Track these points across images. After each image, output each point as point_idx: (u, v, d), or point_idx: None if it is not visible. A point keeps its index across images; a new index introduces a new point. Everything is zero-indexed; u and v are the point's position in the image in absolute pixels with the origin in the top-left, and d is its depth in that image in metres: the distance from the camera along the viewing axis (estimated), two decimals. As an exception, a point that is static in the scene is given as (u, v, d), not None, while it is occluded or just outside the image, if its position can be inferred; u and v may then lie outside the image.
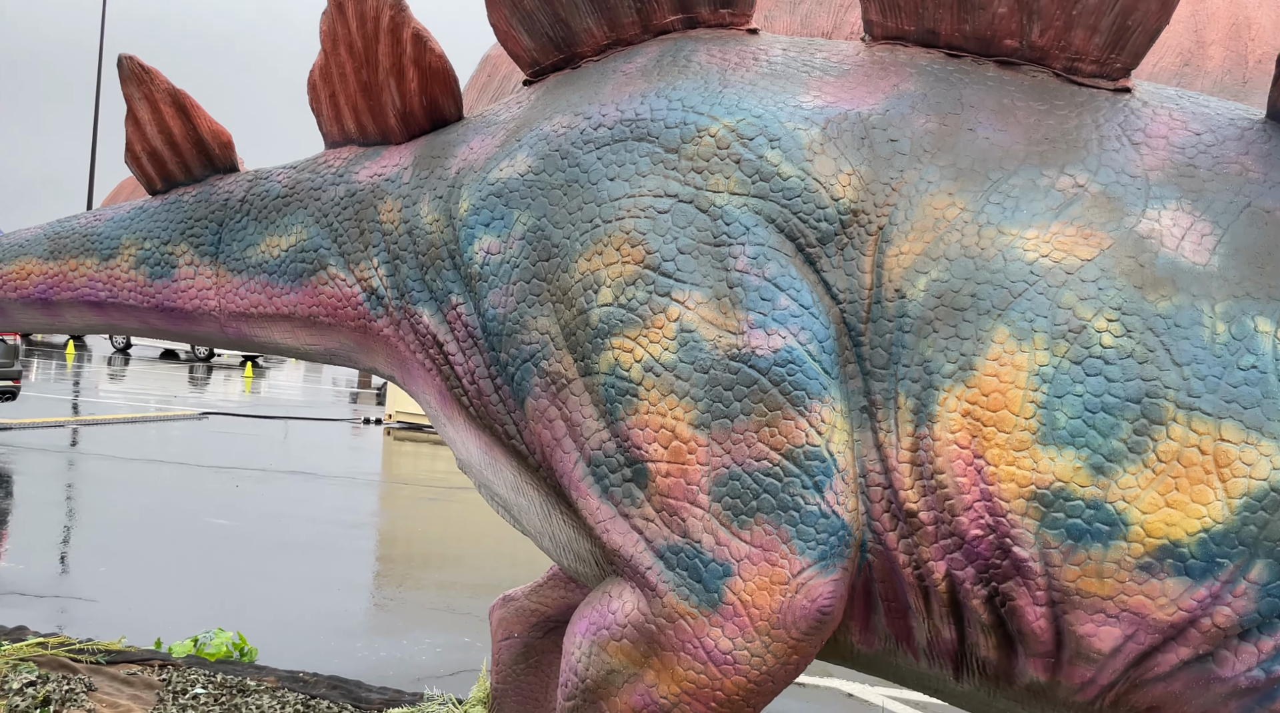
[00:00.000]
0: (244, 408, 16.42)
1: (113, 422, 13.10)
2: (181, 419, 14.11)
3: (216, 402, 17.30)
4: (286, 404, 18.08)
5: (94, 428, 12.38)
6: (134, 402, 16.12)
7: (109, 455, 10.26)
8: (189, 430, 13.05)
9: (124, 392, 18.14)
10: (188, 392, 19.31)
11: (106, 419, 13.23)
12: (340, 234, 2.74)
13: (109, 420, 13.16)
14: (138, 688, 3.94)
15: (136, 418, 13.69)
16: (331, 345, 2.86)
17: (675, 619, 1.93)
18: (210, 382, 22.24)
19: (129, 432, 12.35)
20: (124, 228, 3.10)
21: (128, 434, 12.13)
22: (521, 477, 2.41)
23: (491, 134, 2.53)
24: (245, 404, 17.30)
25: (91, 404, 15.22)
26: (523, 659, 3.24)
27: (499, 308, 2.28)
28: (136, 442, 11.52)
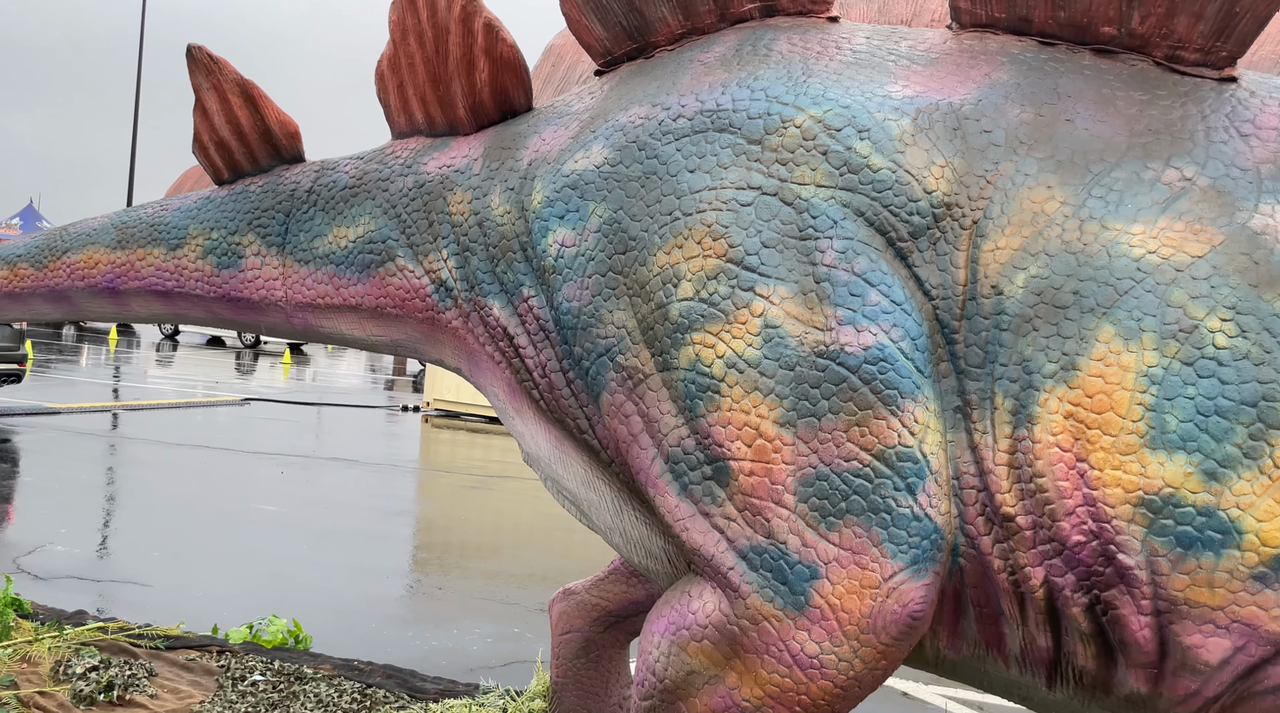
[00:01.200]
0: (285, 394, 16.63)
1: (158, 407, 13.32)
2: (225, 405, 14.32)
3: (259, 388, 17.53)
4: (326, 391, 18.29)
5: (140, 413, 12.59)
6: (181, 387, 16.38)
7: (155, 440, 10.43)
8: (232, 416, 13.23)
9: (171, 377, 18.44)
10: (233, 378, 19.59)
11: (152, 404, 13.45)
12: (409, 225, 2.73)
13: (155, 405, 13.38)
14: (197, 674, 3.99)
15: (181, 403, 13.90)
16: (398, 337, 2.85)
17: (759, 621, 1.89)
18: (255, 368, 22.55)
19: (174, 417, 12.55)
20: (191, 218, 3.11)
21: (173, 419, 12.32)
22: (593, 472, 2.38)
23: (564, 125, 2.50)
24: (286, 391, 17.51)
25: (139, 390, 15.49)
26: (583, 654, 3.23)
27: (573, 301, 2.25)
28: (182, 427, 11.70)
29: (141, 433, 10.87)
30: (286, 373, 22.12)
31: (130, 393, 14.79)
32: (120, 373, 18.58)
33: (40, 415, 11.66)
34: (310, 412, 14.45)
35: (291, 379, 20.67)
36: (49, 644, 3.97)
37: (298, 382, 20.06)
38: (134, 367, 20.28)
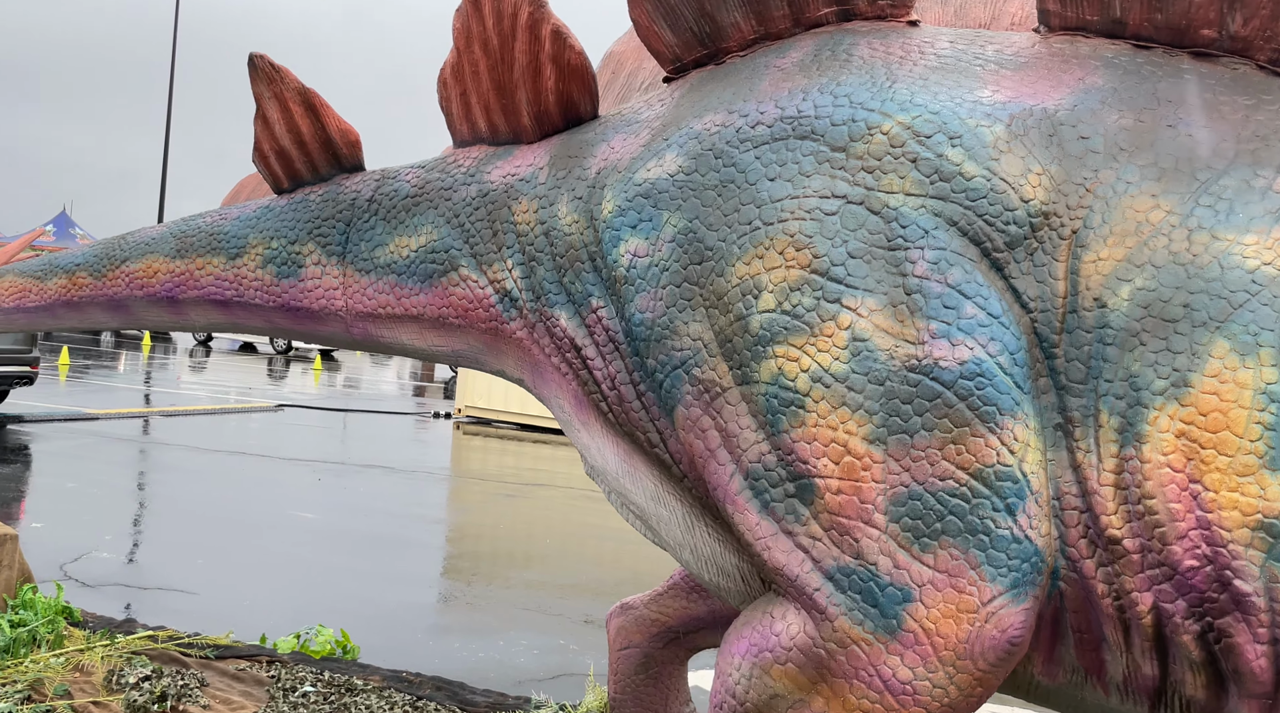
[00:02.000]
0: (317, 401, 16.74)
1: (193, 413, 13.44)
2: (259, 411, 14.42)
3: (291, 394, 17.66)
4: (357, 397, 18.39)
5: (176, 419, 12.71)
6: (215, 393, 16.53)
7: (192, 446, 10.51)
8: (266, 422, 13.32)
9: (205, 383, 18.63)
10: (265, 384, 19.75)
11: (187, 410, 13.58)
12: (472, 235, 2.70)
13: (190, 411, 13.51)
14: (248, 684, 3.97)
15: (215, 410, 14.02)
16: (460, 347, 2.82)
17: (848, 645, 1.83)
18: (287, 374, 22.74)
19: (209, 423, 12.66)
20: (250, 227, 3.10)
21: (208, 425, 12.42)
22: (663, 487, 2.33)
23: (634, 133, 2.46)
24: (318, 397, 17.63)
25: (174, 395, 15.64)
26: (643, 670, 3.17)
27: (647, 312, 2.21)
28: (217, 433, 11.79)
29: (178, 439, 10.97)
30: (318, 379, 22.28)
31: (166, 399, 14.95)
32: (156, 379, 18.80)
33: (79, 421, 11.80)
34: (343, 418, 14.52)
35: (323, 385, 20.81)
36: (101, 654, 3.97)
37: (329, 388, 20.20)
38: (169, 373, 20.52)
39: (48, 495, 7.51)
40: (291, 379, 21.75)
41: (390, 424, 14.54)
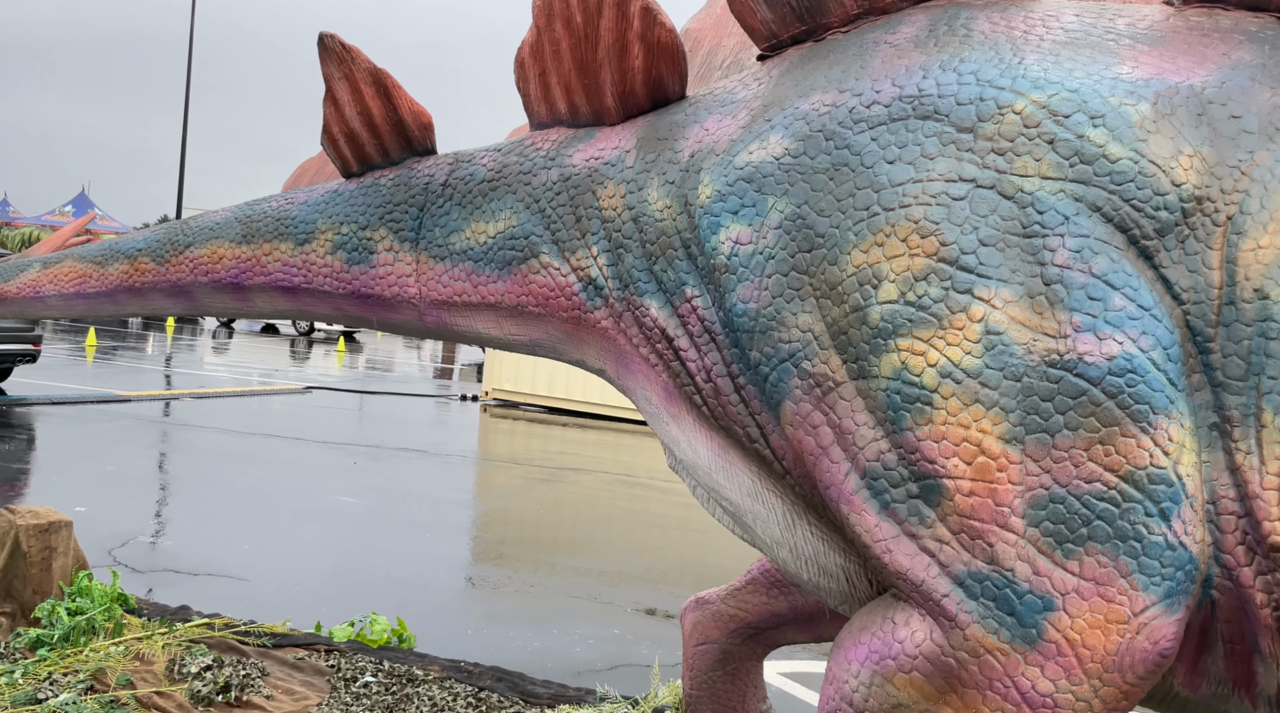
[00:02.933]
0: (344, 382, 16.76)
1: (224, 395, 13.47)
2: (288, 393, 14.45)
3: (317, 376, 17.69)
4: (383, 379, 18.41)
5: (208, 401, 12.74)
6: (241, 375, 16.58)
7: (226, 429, 10.52)
8: (296, 405, 13.33)
9: (231, 365, 18.69)
10: (289, 365, 19.81)
11: (219, 392, 13.61)
12: (554, 221, 2.61)
13: (221, 393, 13.54)
14: (308, 674, 3.94)
15: (246, 392, 14.05)
16: (538, 336, 2.74)
17: (980, 654, 1.74)
18: (310, 356, 22.80)
19: (240, 405, 12.68)
20: (319, 212, 3.02)
21: (239, 407, 12.45)
22: (762, 483, 2.25)
23: (731, 114, 2.35)
24: (345, 379, 17.66)
25: (202, 377, 15.70)
26: (720, 667, 3.10)
27: (750, 303, 2.11)
28: (248, 415, 11.81)
29: (211, 421, 10.99)
30: (341, 360, 22.32)
31: (195, 381, 15.00)
32: (183, 360, 18.88)
33: (111, 403, 11.84)
34: (371, 400, 14.53)
35: (346, 366, 20.85)
36: (162, 643, 3.94)
37: (353, 369, 20.24)
38: (195, 354, 20.60)
39: (90, 480, 7.52)
40: (315, 361, 21.80)
41: (418, 407, 14.53)
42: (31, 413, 10.54)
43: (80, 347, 19.05)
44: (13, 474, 7.50)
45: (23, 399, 11.25)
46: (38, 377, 13.44)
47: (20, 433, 9.24)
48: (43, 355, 16.86)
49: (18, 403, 11.02)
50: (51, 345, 19.08)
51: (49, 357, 16.78)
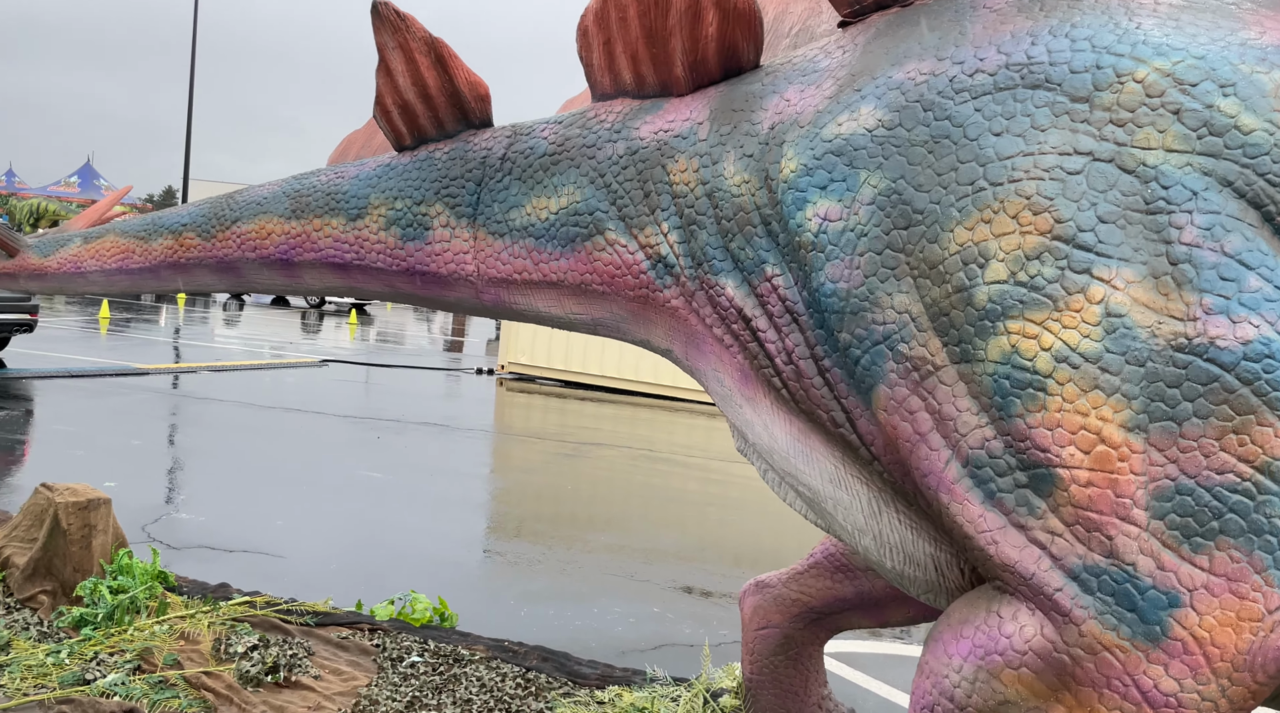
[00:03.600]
0: (358, 355, 16.72)
1: (242, 368, 13.44)
2: (304, 366, 14.41)
3: (332, 349, 17.66)
4: (397, 352, 18.37)
5: (225, 374, 12.71)
6: (250, 348, 16.54)
7: (246, 402, 10.49)
8: (313, 378, 13.30)
9: (240, 337, 18.66)
10: (300, 338, 19.77)
11: (236, 365, 13.58)
12: (620, 196, 2.52)
13: (239, 366, 13.51)
14: (353, 653, 3.91)
15: (263, 365, 14.02)
16: (601, 315, 2.66)
17: (1098, 651, 1.67)
18: (322, 328, 22.77)
19: (258, 378, 12.65)
20: (371, 186, 2.93)
21: (257, 381, 12.42)
22: (846, 469, 2.17)
23: (814, 84, 2.25)
24: (359, 352, 17.62)
25: (217, 350, 15.67)
26: (782, 651, 3.05)
27: (840, 282, 2.02)
28: (266, 388, 11.77)
29: (230, 395, 10.96)
30: (353, 333, 22.28)
31: (208, 354, 14.96)
32: (195, 333, 18.85)
33: (129, 376, 11.82)
34: (386, 374, 14.49)
35: (359, 339, 20.81)
36: (208, 622, 3.91)
37: (365, 342, 20.20)
38: (207, 327, 20.57)
39: (115, 454, 7.50)
40: (327, 333, 21.76)
41: (434, 380, 14.50)
42: (51, 386, 10.51)
43: (94, 319, 19.03)
44: (38, 449, 7.47)
45: (41, 372, 11.23)
46: (53, 349, 13.42)
47: (42, 407, 9.22)
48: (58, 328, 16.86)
49: (37, 376, 11.00)
50: (64, 317, 19.07)
51: (64, 329, 16.77)
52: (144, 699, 3.27)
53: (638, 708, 3.37)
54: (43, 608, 4.00)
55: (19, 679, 3.34)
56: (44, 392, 10.11)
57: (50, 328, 16.69)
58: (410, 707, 3.44)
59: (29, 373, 11.10)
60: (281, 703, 3.38)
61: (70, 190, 46.98)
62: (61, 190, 46.66)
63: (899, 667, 4.37)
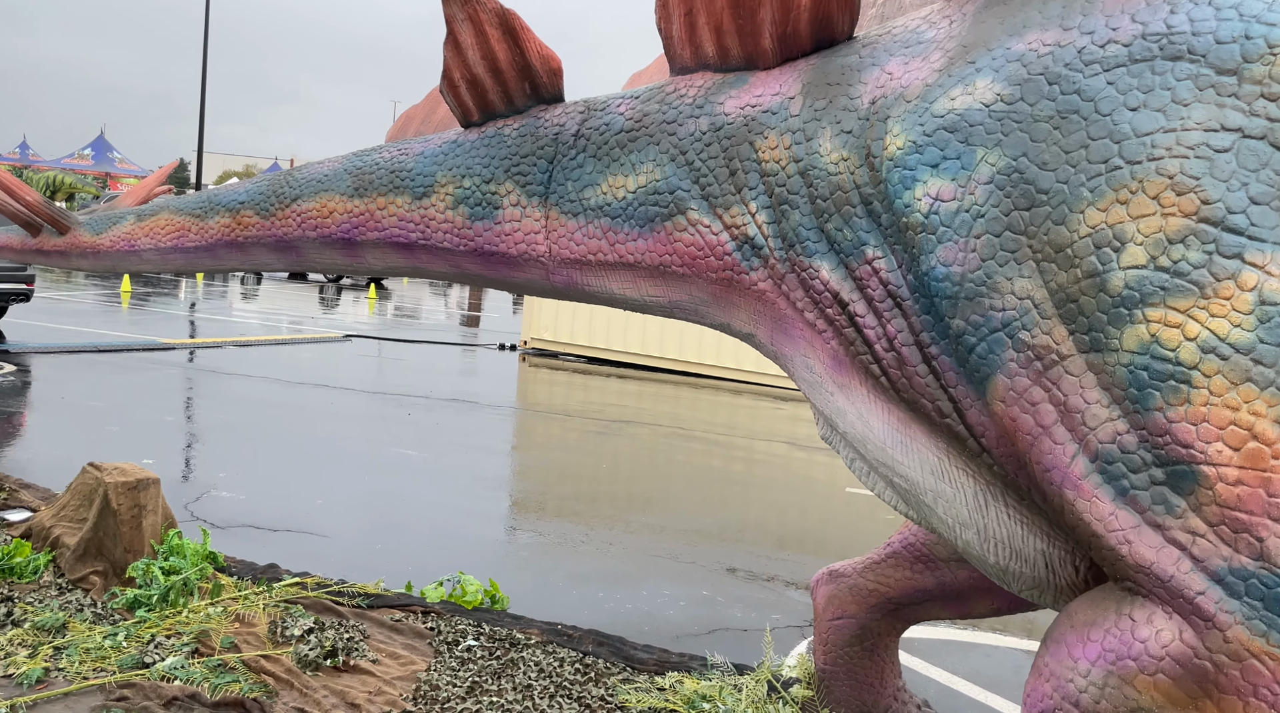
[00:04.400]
0: (379, 330, 16.68)
1: (267, 343, 13.42)
2: (328, 341, 14.39)
3: (353, 323, 17.62)
4: (417, 327, 18.33)
5: (251, 349, 12.70)
6: (269, 322, 16.53)
7: (274, 378, 10.47)
8: (338, 353, 13.27)
9: (259, 312, 18.64)
10: (320, 313, 19.75)
11: (261, 340, 13.56)
12: (703, 174, 2.42)
13: (263, 341, 13.49)
14: (408, 636, 3.87)
15: (288, 340, 14.00)
16: (679, 298, 2.57)
17: (1244, 658, 1.59)
18: (340, 302, 22.74)
19: (284, 353, 12.63)
20: (438, 164, 2.84)
21: (283, 356, 12.40)
22: (951, 461, 2.09)
23: (919, 56, 2.13)
24: (379, 326, 17.58)
25: (234, 324, 15.65)
26: (857, 642, 2.98)
27: (953, 266, 1.93)
28: (293, 364, 11.75)
29: (258, 370, 10.94)
30: (372, 307, 22.24)
31: (230, 328, 14.95)
32: (214, 307, 18.85)
33: (155, 351, 11.81)
34: (409, 349, 14.45)
35: (378, 314, 20.77)
36: (262, 604, 3.88)
37: (385, 317, 20.16)
38: (225, 301, 20.56)
39: (150, 431, 7.48)
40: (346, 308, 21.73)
41: (458, 355, 14.45)
42: (78, 361, 10.51)
43: (114, 293, 19.05)
44: (72, 425, 7.47)
45: (69, 347, 11.23)
46: (77, 323, 13.43)
47: (72, 382, 9.21)
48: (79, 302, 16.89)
49: (65, 350, 11.01)
50: (85, 291, 19.10)
51: (85, 303, 16.79)
52: (204, 683, 3.24)
53: (702, 697, 3.32)
54: (95, 589, 3.98)
55: (78, 663, 3.32)
56: (72, 367, 10.11)
57: (72, 302, 16.73)
58: (471, 692, 3.39)
59: (56, 347, 11.11)
60: (342, 688, 3.34)
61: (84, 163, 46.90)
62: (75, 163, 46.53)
63: (956, 653, 4.31)
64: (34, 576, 4.04)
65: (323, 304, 22.28)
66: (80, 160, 47.82)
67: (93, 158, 48.37)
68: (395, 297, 27.17)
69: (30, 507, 4.98)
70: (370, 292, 25.92)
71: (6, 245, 3.68)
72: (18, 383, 8.87)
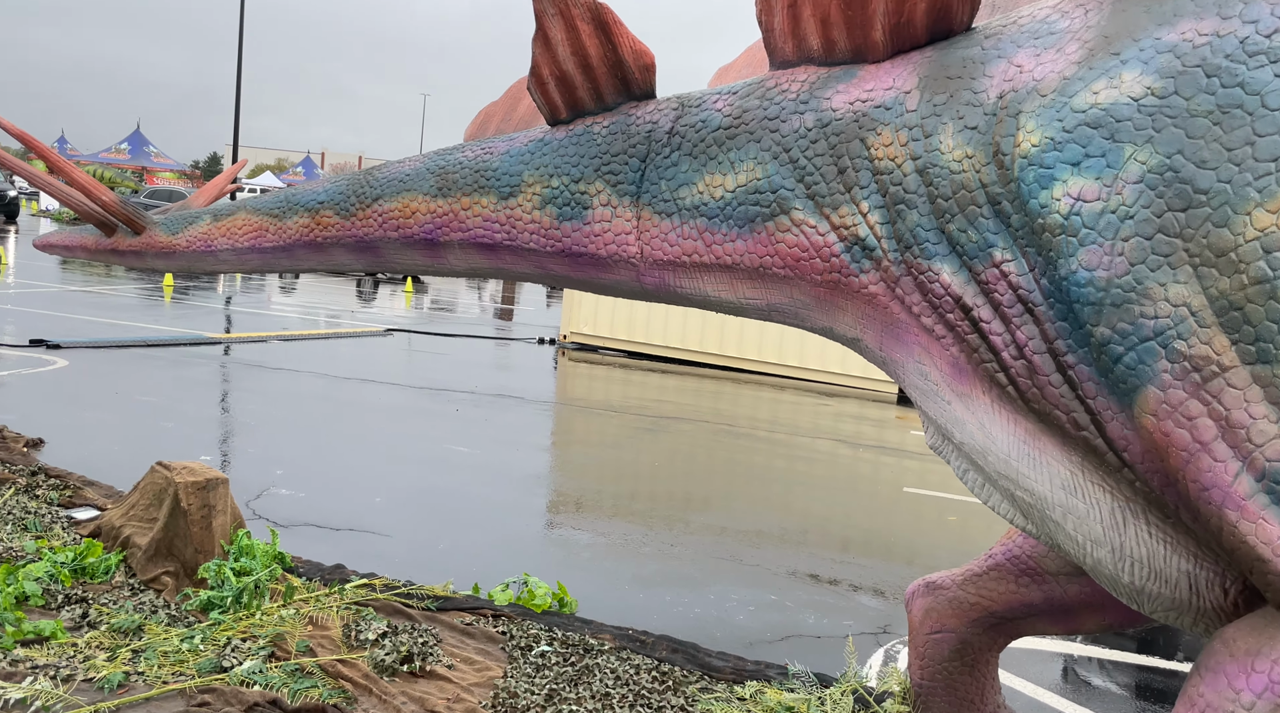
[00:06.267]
0: (418, 324, 16.73)
1: (310, 337, 13.49)
2: (369, 336, 14.44)
3: (391, 317, 17.69)
4: (456, 321, 18.36)
5: (295, 344, 12.77)
6: (307, 316, 16.63)
7: (321, 373, 10.51)
8: (379, 347, 13.31)
9: (296, 305, 18.76)
10: (358, 306, 19.85)
11: (304, 334, 13.64)
12: (809, 172, 2.32)
13: (306, 336, 13.56)
14: (480, 641, 3.82)
15: (330, 334, 14.07)
16: (778, 301, 2.48)
17: None
18: (377, 296, 22.86)
19: (327, 348, 12.69)
20: (524, 163, 2.77)
21: (326, 350, 12.45)
22: (1086, 475, 1.98)
23: (1053, 47, 2.02)
24: (418, 320, 17.64)
25: (271, 318, 15.76)
26: (957, 657, 2.88)
27: (1097, 270, 1.82)
28: (337, 358, 11.79)
29: (304, 364, 10.98)
30: (409, 301, 22.33)
31: (270, 322, 15.05)
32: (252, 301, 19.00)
33: (202, 346, 11.91)
34: (449, 343, 14.47)
35: (415, 308, 20.84)
36: (336, 607, 3.85)
37: (422, 311, 20.22)
38: (263, 295, 20.72)
39: (204, 426, 7.52)
40: (383, 301, 21.83)
41: (498, 350, 14.45)
42: (127, 356, 10.62)
43: (157, 287, 19.27)
44: (128, 421, 7.52)
45: (118, 342, 11.35)
46: (121, 317, 13.59)
47: (122, 378, 9.30)
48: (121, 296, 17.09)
49: (114, 345, 11.12)
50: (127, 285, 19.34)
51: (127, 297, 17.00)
52: (283, 689, 3.21)
53: (787, 708, 3.23)
54: (167, 590, 3.97)
55: (157, 667, 3.30)
56: (122, 362, 10.21)
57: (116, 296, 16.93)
58: (550, 700, 3.34)
59: (106, 342, 11.23)
60: (420, 694, 3.30)
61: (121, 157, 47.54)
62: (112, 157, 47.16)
63: (1041, 663, 4.18)
64: (106, 576, 4.05)
65: (360, 297, 22.41)
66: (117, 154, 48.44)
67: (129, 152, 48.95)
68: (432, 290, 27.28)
69: (96, 505, 5.00)
70: (407, 285, 26.04)
71: (81, 245, 3.66)
72: (71, 378, 8.97)
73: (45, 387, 8.43)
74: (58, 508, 4.88)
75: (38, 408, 7.45)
